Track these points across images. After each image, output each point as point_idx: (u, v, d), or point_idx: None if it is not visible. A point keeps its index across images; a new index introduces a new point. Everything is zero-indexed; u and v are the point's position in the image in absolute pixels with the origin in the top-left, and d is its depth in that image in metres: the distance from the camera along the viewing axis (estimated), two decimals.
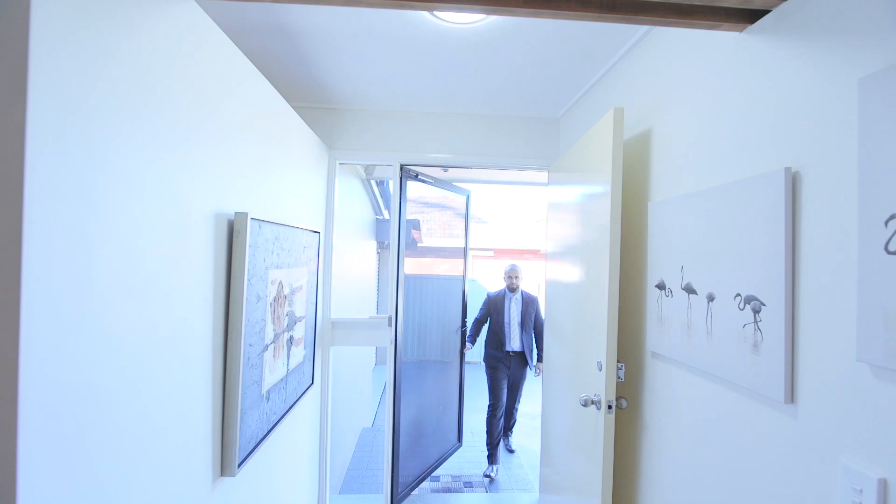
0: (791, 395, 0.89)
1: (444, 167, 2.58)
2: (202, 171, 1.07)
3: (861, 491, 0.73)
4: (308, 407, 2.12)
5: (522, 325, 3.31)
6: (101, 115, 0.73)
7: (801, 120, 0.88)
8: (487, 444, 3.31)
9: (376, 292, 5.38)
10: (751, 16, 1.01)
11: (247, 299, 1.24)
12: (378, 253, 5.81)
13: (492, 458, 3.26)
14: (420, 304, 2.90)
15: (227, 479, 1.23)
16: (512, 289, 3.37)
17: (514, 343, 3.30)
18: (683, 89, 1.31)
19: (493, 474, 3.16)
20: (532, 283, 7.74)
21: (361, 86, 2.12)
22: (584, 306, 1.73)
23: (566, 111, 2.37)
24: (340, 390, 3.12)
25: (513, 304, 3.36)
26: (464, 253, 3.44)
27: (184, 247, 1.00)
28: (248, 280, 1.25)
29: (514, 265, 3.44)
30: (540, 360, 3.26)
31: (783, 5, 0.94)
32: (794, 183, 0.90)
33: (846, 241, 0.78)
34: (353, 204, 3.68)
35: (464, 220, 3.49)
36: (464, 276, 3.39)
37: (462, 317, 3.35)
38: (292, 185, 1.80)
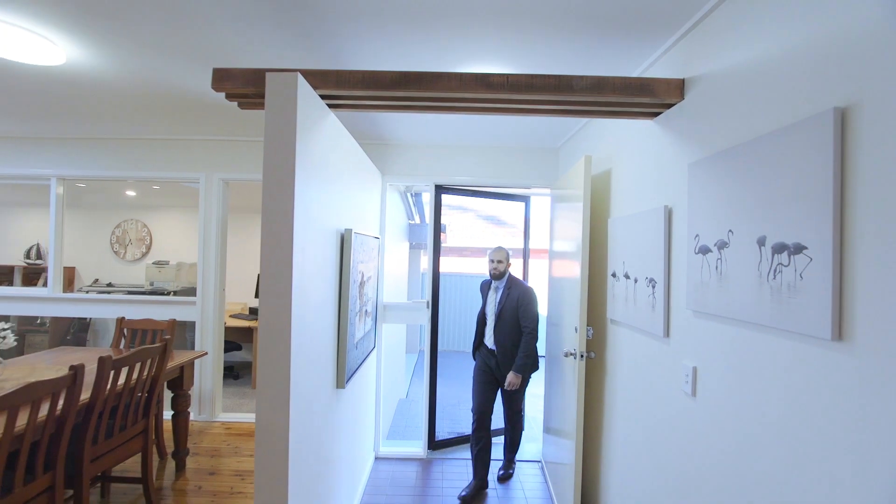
0: (667, 332, 1.60)
1: (469, 186, 3.32)
2: (329, 203, 1.84)
3: (687, 375, 1.45)
4: (371, 363, 2.91)
5: (497, 318, 2.77)
6: (300, 182, 1.51)
7: (672, 178, 1.59)
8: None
9: (407, 284, 6.19)
10: (654, 114, 1.72)
11: (350, 282, 2.02)
12: (409, 251, 6.61)
13: (476, 474, 2.74)
14: (450, 297, 3.58)
15: (339, 390, 2.02)
16: (494, 275, 2.82)
17: (488, 339, 2.83)
18: (626, 147, 2.01)
19: (466, 493, 2.63)
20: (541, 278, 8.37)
21: (406, 129, 2.88)
22: (568, 288, 2.45)
23: (563, 143, 3.08)
24: (384, 365, 3.90)
25: (492, 294, 2.88)
26: (524, 254, 3.72)
27: (326, 250, 1.78)
28: (351, 270, 2.03)
29: (498, 247, 2.86)
30: (522, 371, 2.66)
31: (666, 112, 1.64)
32: (669, 214, 1.60)
33: (686, 246, 1.48)
34: (394, 212, 4.46)
35: (502, 224, 4.16)
36: (524, 275, 3.64)
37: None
38: (364, 204, 2.58)
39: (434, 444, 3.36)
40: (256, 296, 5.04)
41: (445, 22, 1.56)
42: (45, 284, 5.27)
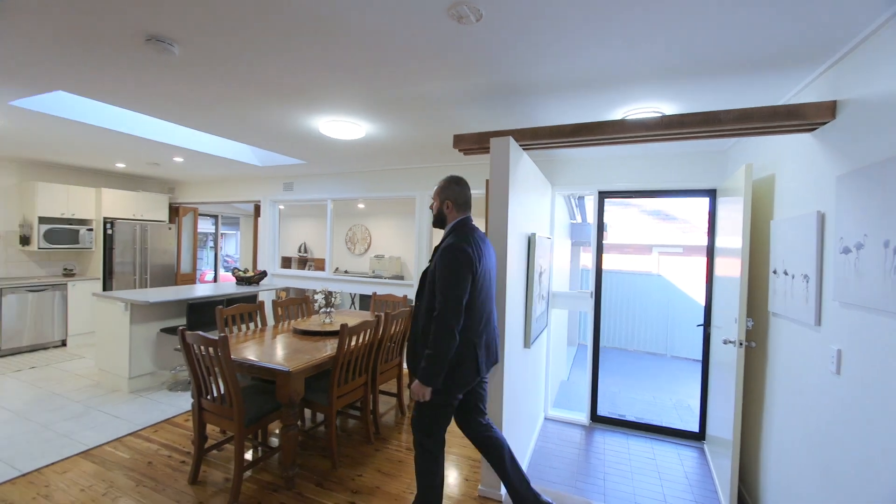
0: (818, 321, 1.84)
1: (630, 192, 3.70)
2: (521, 215, 2.61)
3: (833, 356, 1.71)
4: (543, 338, 3.63)
5: (419, 288, 1.97)
6: (510, 203, 2.30)
7: (824, 187, 1.82)
8: None
9: (569, 278, 6.69)
10: (811, 129, 1.94)
11: (534, 272, 2.76)
12: (571, 248, 7.09)
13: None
14: (606, 295, 4.00)
15: (525, 350, 2.79)
16: (433, 223, 2.09)
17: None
18: (786, 155, 2.21)
19: None
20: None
21: (571, 151, 3.47)
22: (729, 283, 2.68)
23: (731, 146, 3.20)
24: (551, 345, 4.56)
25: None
26: (709, 252, 3.33)
27: (520, 248, 2.56)
28: (534, 263, 2.77)
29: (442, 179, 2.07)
30: (425, 378, 1.79)
31: (821, 128, 1.86)
32: (822, 219, 1.84)
33: (833, 246, 1.73)
34: (558, 213, 5.06)
35: (670, 219, 4.38)
36: (708, 276, 3.30)
37: (705, 315, 3.35)
38: (539, 211, 3.30)
39: (596, 417, 3.87)
40: None
41: (610, 83, 2.14)
42: (309, 269, 7.63)
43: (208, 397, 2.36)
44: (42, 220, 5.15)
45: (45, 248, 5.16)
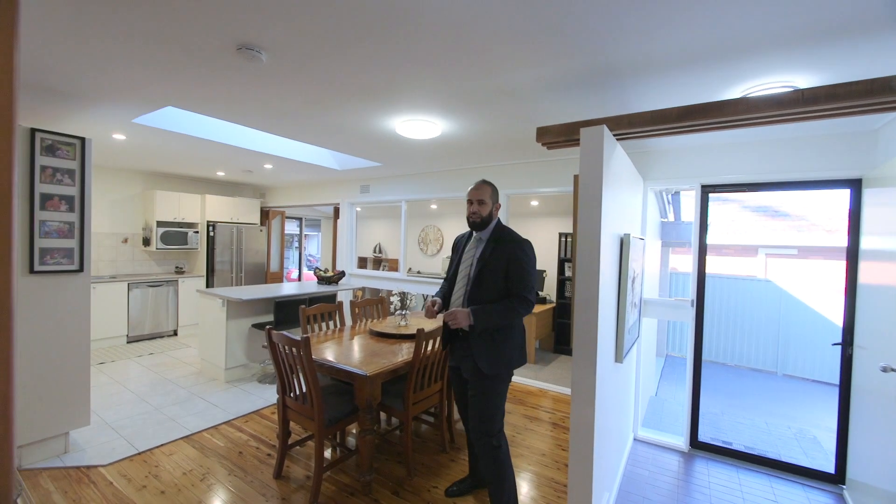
0: None
1: (741, 186, 3.18)
2: (614, 213, 2.32)
3: None
4: (634, 351, 3.26)
5: (476, 281, 2.05)
6: (603, 199, 2.03)
7: None
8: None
9: (658, 282, 6.06)
10: None
11: (627, 277, 2.45)
12: (661, 249, 6.43)
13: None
14: (713, 302, 3.44)
15: (617, 364, 2.49)
16: (474, 223, 2.13)
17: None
18: None
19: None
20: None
21: (668, 140, 3.05)
22: (882, 296, 2.14)
23: (885, 125, 2.58)
24: (640, 362, 4.11)
25: (470, 249, 2.16)
26: (849, 255, 2.78)
27: (613, 251, 2.27)
28: (628, 268, 2.46)
29: (480, 181, 2.16)
30: (481, 318, 1.97)
31: None
32: None
33: None
34: (649, 212, 4.57)
35: (781, 216, 3.75)
36: (849, 283, 2.78)
37: (844, 332, 2.79)
38: (632, 210, 2.95)
39: (696, 442, 3.39)
40: None
41: (730, 54, 1.79)
42: (383, 269, 7.83)
43: (291, 395, 2.42)
44: (159, 223, 5.85)
45: (161, 248, 5.85)
